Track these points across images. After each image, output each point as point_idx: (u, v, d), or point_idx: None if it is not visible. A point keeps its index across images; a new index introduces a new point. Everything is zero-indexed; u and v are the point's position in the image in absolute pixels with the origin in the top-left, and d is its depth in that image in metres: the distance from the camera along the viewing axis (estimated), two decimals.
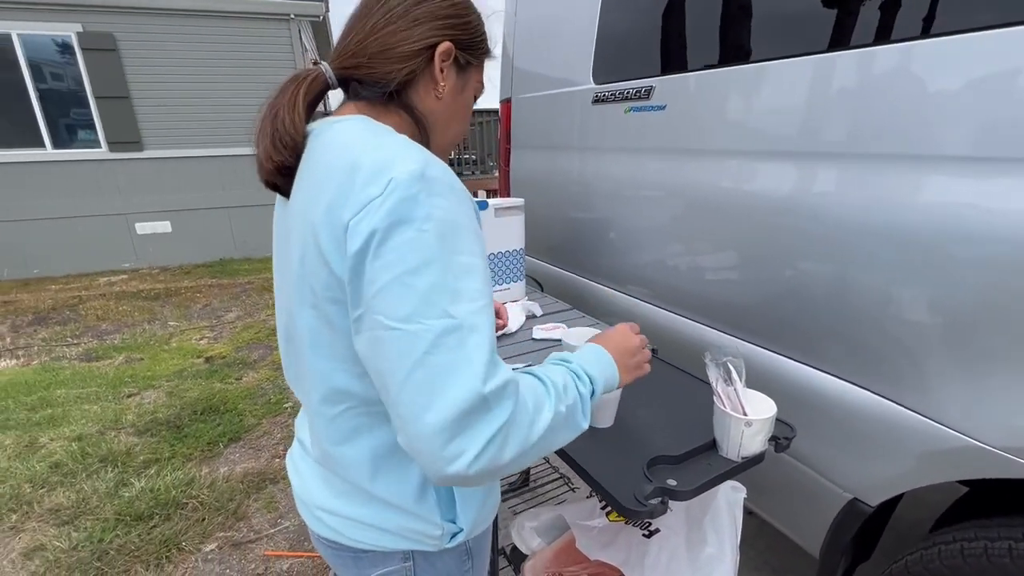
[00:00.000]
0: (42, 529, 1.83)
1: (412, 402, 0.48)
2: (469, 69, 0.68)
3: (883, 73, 0.91)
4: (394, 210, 0.49)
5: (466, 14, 0.65)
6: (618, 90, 1.48)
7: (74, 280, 6.02)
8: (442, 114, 0.67)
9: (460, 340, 0.48)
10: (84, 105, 6.04)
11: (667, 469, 0.84)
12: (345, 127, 0.59)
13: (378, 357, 0.51)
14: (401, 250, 0.48)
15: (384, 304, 0.49)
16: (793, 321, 1.11)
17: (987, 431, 0.82)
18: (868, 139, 0.93)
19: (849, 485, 1.04)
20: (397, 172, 0.50)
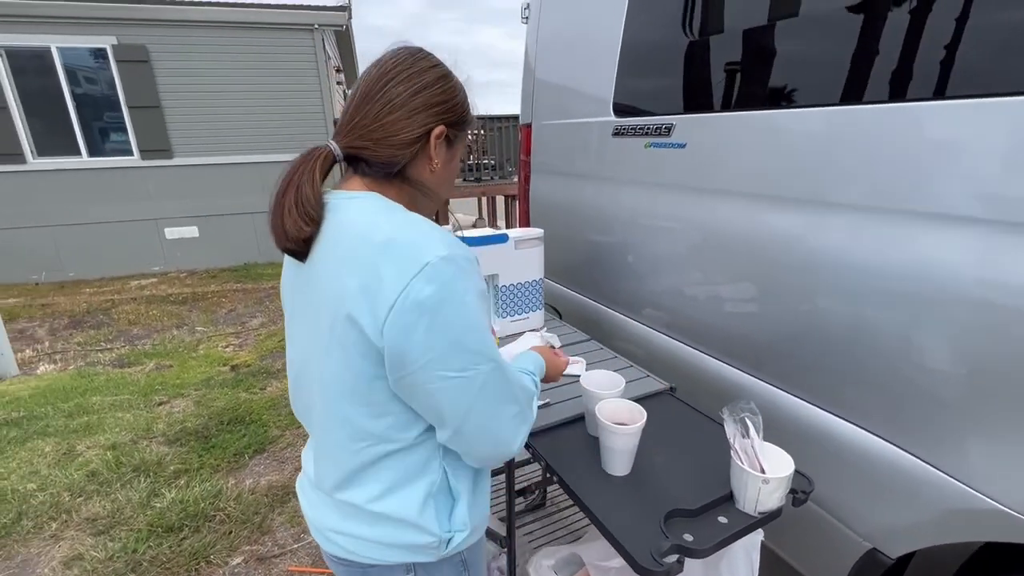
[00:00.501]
0: (80, 538, 1.92)
1: (476, 424, 0.68)
2: (456, 141, 0.77)
3: (906, 128, 0.91)
4: (438, 292, 0.61)
5: (454, 97, 0.73)
6: (638, 125, 1.49)
7: (107, 283, 6.24)
8: (435, 182, 0.77)
9: (501, 373, 0.68)
10: (118, 114, 6.26)
11: (684, 523, 0.85)
12: (363, 206, 0.69)
13: (439, 399, 0.66)
14: (449, 323, 0.62)
15: (441, 362, 0.63)
16: (814, 366, 1.11)
17: (1011, 495, 0.81)
18: (891, 193, 0.93)
19: (869, 534, 1.04)
20: (431, 256, 0.61)
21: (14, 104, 5.88)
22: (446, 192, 0.81)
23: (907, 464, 0.95)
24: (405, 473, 0.72)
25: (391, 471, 0.72)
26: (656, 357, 1.53)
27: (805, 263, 1.09)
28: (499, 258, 1.51)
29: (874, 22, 0.96)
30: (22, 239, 6.10)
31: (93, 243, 6.40)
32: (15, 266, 6.08)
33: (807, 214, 1.08)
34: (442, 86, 0.72)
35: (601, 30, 1.61)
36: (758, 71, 1.18)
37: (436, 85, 0.71)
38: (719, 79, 1.28)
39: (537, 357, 0.94)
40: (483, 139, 8.35)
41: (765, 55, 1.16)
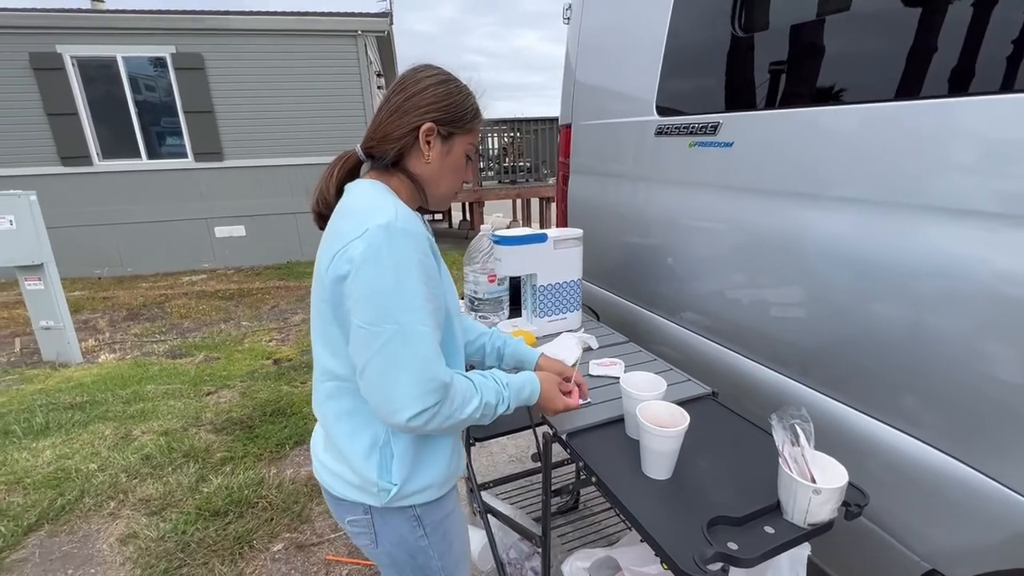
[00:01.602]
0: (135, 517, 2.04)
1: (373, 376, 0.76)
2: (454, 137, 0.87)
3: (971, 123, 0.85)
4: (366, 250, 0.73)
5: (447, 98, 0.84)
6: (682, 124, 1.46)
7: (161, 279, 6.60)
8: (432, 174, 0.88)
9: (405, 339, 0.74)
10: (174, 119, 6.62)
11: (728, 531, 0.82)
12: (358, 187, 0.85)
13: (354, 343, 0.77)
14: (369, 277, 0.73)
15: (357, 311, 0.75)
16: (868, 373, 1.06)
17: None
18: (955, 191, 0.88)
19: (929, 555, 0.98)
20: (371, 223, 0.74)
21: (83, 110, 6.31)
22: (449, 183, 0.91)
23: (974, 481, 0.89)
24: (356, 416, 0.85)
25: (343, 408, 0.85)
26: (696, 361, 1.49)
27: (859, 264, 1.04)
28: (537, 258, 1.50)
29: (932, 14, 0.91)
30: (87, 236, 6.54)
31: (150, 240, 6.79)
32: (81, 261, 6.51)
33: (862, 214, 1.03)
34: (433, 90, 0.83)
35: (645, 28, 1.59)
36: (809, 67, 1.14)
37: (427, 90, 0.83)
38: (768, 76, 1.24)
39: (532, 378, 0.94)
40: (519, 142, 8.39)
41: (817, 50, 1.12)
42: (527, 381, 0.93)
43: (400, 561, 0.94)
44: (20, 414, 2.85)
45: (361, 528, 0.91)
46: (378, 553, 0.94)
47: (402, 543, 0.91)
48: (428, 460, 0.88)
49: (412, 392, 0.75)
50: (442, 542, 0.94)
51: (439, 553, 0.94)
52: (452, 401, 0.79)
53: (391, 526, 0.90)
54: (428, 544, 0.92)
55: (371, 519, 0.90)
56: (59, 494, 2.16)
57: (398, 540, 0.91)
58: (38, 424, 2.74)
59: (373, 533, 0.91)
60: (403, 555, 0.93)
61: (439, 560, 0.95)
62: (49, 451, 2.48)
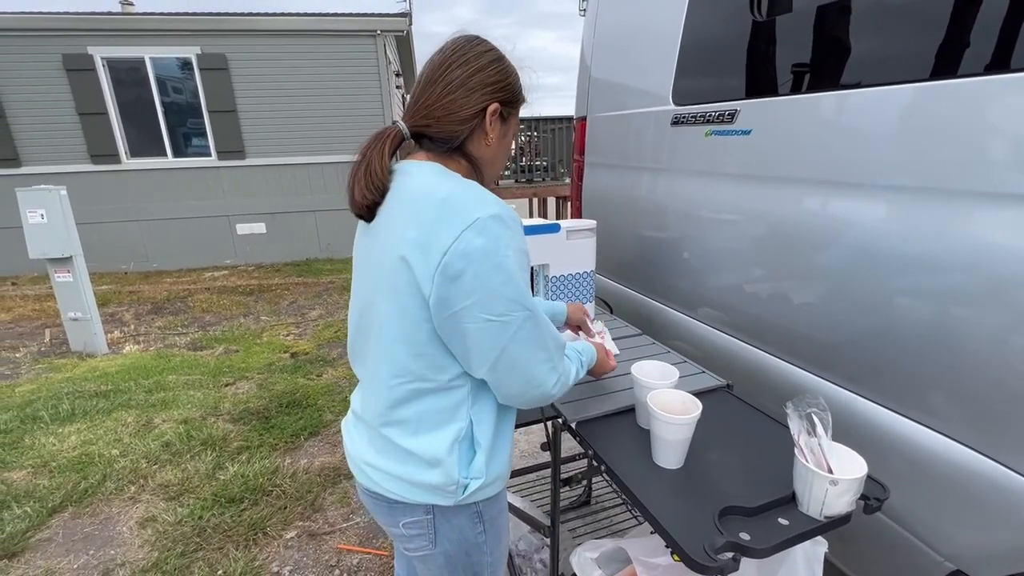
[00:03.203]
0: (154, 502, 2.08)
1: (510, 362, 0.76)
2: (510, 118, 0.85)
3: (1000, 103, 0.82)
4: (487, 244, 0.70)
5: (507, 76, 0.81)
6: (699, 112, 1.43)
7: (185, 274, 6.76)
8: (491, 157, 0.85)
9: (535, 322, 0.76)
10: (199, 118, 6.78)
11: (740, 521, 0.80)
12: (426, 171, 0.79)
13: (476, 339, 0.74)
14: (493, 270, 0.71)
15: (483, 306, 0.72)
16: (893, 366, 1.02)
17: None
18: (987, 175, 0.84)
19: (953, 555, 0.94)
20: (480, 213, 0.71)
21: (113, 109, 6.51)
22: (496, 169, 0.89)
23: (1003, 478, 0.85)
24: (435, 415, 0.81)
25: (423, 410, 0.81)
26: (712, 356, 1.46)
27: (884, 253, 1.01)
28: (550, 248, 1.49)
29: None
30: (115, 232, 6.73)
31: (174, 237, 6.96)
32: (109, 256, 6.70)
33: (887, 201, 1.00)
34: (496, 67, 0.80)
35: (662, 15, 1.57)
36: (830, 50, 1.11)
37: (490, 67, 0.79)
38: (788, 61, 1.21)
39: (590, 348, 1.03)
40: (536, 141, 8.37)
41: (837, 33, 1.08)
42: (586, 348, 1.01)
43: (455, 559, 0.90)
44: (48, 401, 2.94)
45: (419, 530, 0.86)
46: (434, 553, 0.89)
47: (462, 541, 0.88)
48: (501, 450, 0.86)
49: (548, 364, 0.80)
50: (496, 537, 0.92)
51: (491, 548, 0.92)
52: (567, 361, 0.87)
53: (453, 524, 0.86)
54: (485, 540, 0.90)
55: (432, 519, 0.85)
56: (83, 478, 2.23)
57: (458, 538, 0.87)
58: (64, 411, 2.82)
59: (433, 533, 0.86)
60: (460, 553, 0.89)
61: (490, 555, 0.92)
62: (74, 436, 2.56)
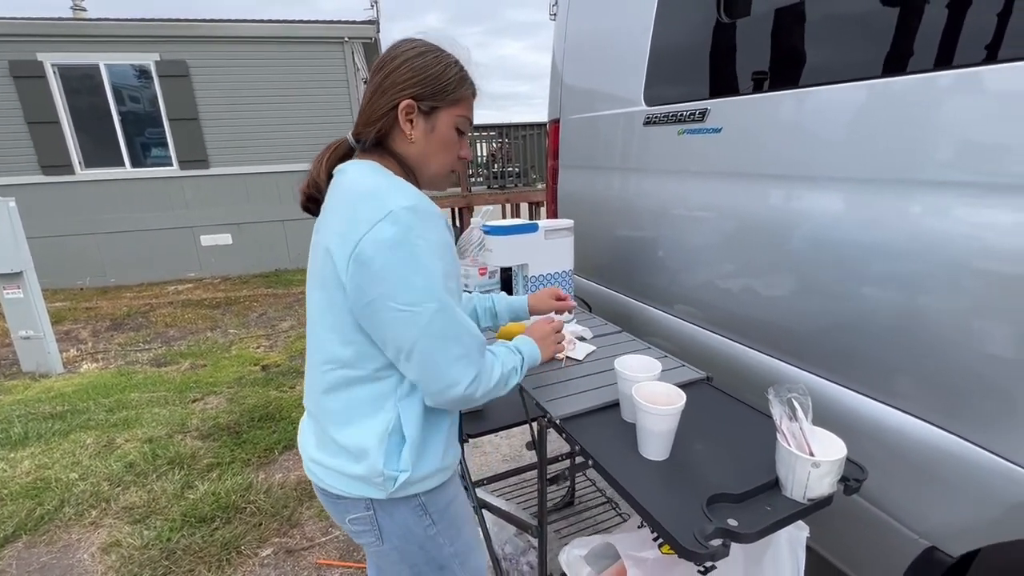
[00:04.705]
0: (118, 526, 1.97)
1: (422, 356, 0.75)
2: (436, 112, 0.83)
3: (957, 97, 0.86)
4: (397, 233, 0.72)
5: (422, 72, 0.80)
6: (671, 112, 1.47)
7: (146, 288, 6.48)
8: (419, 154, 0.85)
9: (446, 315, 0.76)
10: (159, 127, 6.55)
11: (727, 508, 0.81)
12: (353, 168, 0.83)
13: (395, 329, 0.75)
14: (403, 259, 0.73)
15: (394, 294, 0.73)
16: (862, 353, 1.06)
17: None
18: (944, 165, 0.89)
19: (926, 532, 0.97)
20: (395, 205, 0.73)
21: (65, 118, 6.22)
22: (440, 162, 0.88)
23: (971, 455, 0.89)
24: (363, 405, 0.82)
25: (351, 399, 0.82)
26: (691, 350, 1.49)
27: (849, 245, 1.04)
28: (528, 248, 1.49)
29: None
30: (69, 246, 6.41)
31: (134, 250, 6.68)
32: (62, 271, 6.38)
33: (853, 193, 1.04)
34: (410, 65, 0.80)
35: (632, 17, 1.60)
36: (796, 48, 1.15)
37: (403, 66, 0.80)
38: (756, 59, 1.25)
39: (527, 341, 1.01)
40: (507, 147, 8.42)
41: (804, 31, 1.13)
42: (522, 343, 0.98)
43: (410, 555, 0.89)
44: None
45: (364, 526, 0.87)
46: (385, 550, 0.89)
47: (409, 535, 0.87)
48: (432, 444, 0.85)
49: (463, 361, 0.78)
50: (450, 528, 0.91)
51: (449, 540, 0.91)
52: (489, 362, 0.84)
53: (396, 519, 0.86)
54: (437, 532, 0.89)
55: (374, 515, 0.85)
56: (37, 504, 2.09)
57: (405, 533, 0.87)
58: (16, 435, 2.65)
59: (377, 529, 0.86)
60: (412, 548, 0.88)
61: (450, 546, 0.91)
62: (27, 461, 2.40)
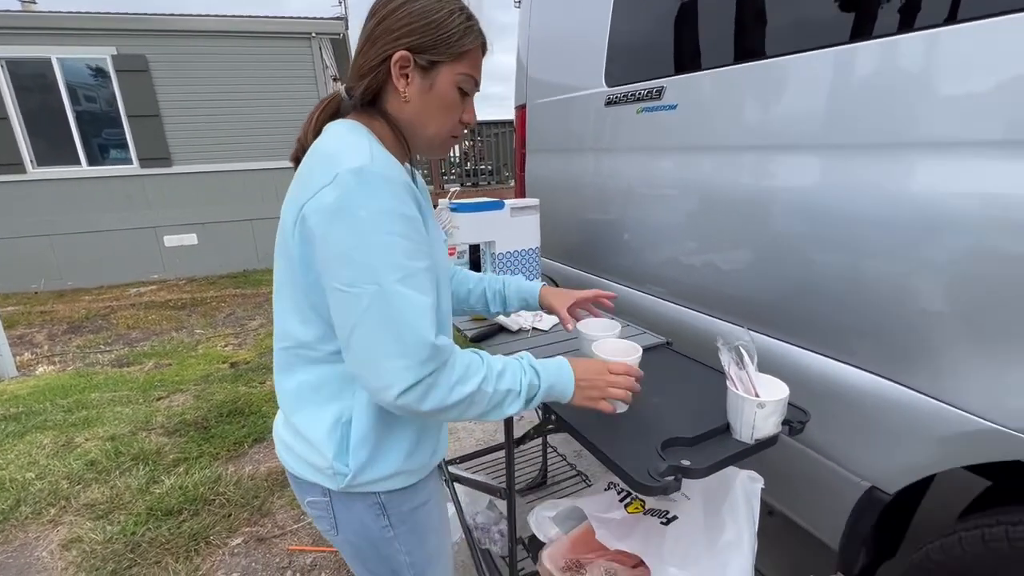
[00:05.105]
0: (78, 523, 1.91)
1: (358, 346, 0.65)
2: (436, 68, 0.72)
3: (891, 64, 0.93)
4: (338, 199, 0.62)
5: (423, 19, 0.69)
6: (630, 92, 1.52)
7: (106, 291, 6.24)
8: (414, 114, 0.74)
9: (387, 301, 0.63)
10: (117, 124, 6.32)
11: (681, 451, 0.86)
12: (334, 127, 0.73)
13: (335, 310, 0.66)
14: (343, 231, 0.62)
15: (333, 270, 0.64)
16: (808, 312, 1.12)
17: (1003, 413, 0.82)
18: (877, 130, 0.95)
19: (867, 473, 1.04)
20: (342, 167, 0.63)
21: (14, 114, 5.94)
22: (437, 127, 0.76)
23: (902, 397, 0.96)
24: (318, 390, 0.75)
25: (305, 381, 0.75)
26: (654, 322, 1.54)
27: (800, 210, 1.11)
28: (495, 225, 1.52)
29: None
30: (21, 248, 6.12)
31: (92, 251, 6.42)
32: (14, 275, 6.08)
33: (799, 158, 1.10)
34: (405, 10, 0.69)
35: (592, 1, 1.65)
36: (742, 26, 1.21)
37: (400, 9, 0.69)
38: (706, 37, 1.31)
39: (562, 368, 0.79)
40: (480, 145, 8.44)
41: (746, 10, 1.19)
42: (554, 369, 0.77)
43: (363, 551, 0.83)
44: None
45: (320, 511, 0.81)
46: (339, 540, 0.84)
47: (365, 533, 0.81)
48: (393, 443, 0.77)
49: (401, 362, 0.63)
50: (411, 535, 0.83)
51: (407, 548, 0.83)
52: (451, 372, 0.67)
53: (352, 512, 0.79)
54: (394, 536, 0.81)
55: (330, 502, 0.79)
56: None
57: (359, 528, 0.80)
58: None
59: (333, 518, 0.80)
60: (365, 545, 0.82)
61: (408, 556, 0.83)
62: None
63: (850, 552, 1.10)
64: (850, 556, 1.11)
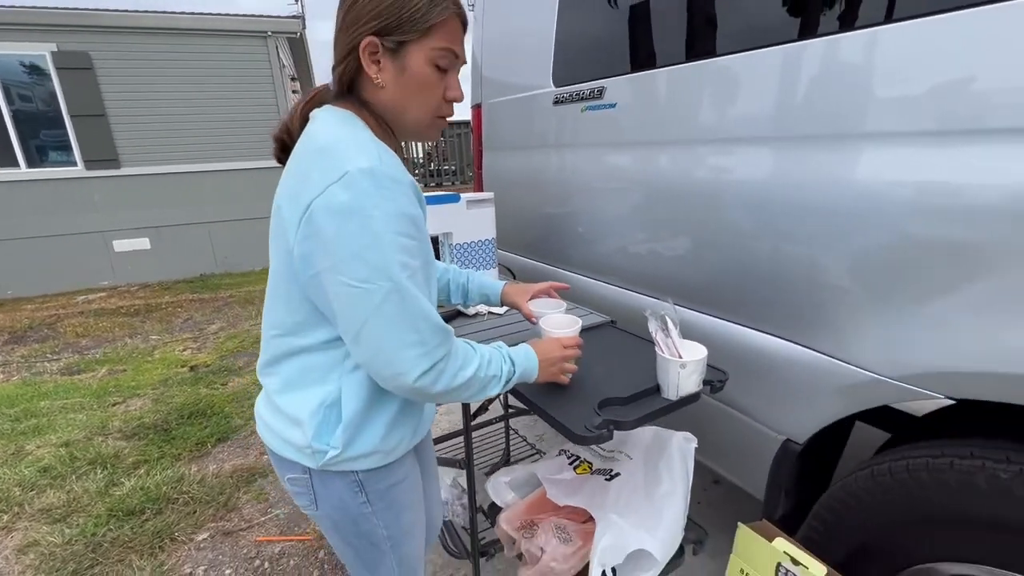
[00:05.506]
0: (34, 527, 1.87)
1: (372, 338, 0.69)
2: (405, 48, 0.71)
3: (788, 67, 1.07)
4: (351, 200, 0.64)
5: (382, 3, 0.69)
6: (575, 92, 1.63)
7: (50, 299, 5.94)
8: (392, 100, 0.74)
9: (401, 297, 0.68)
10: (59, 124, 6.02)
11: (616, 409, 0.97)
12: (321, 116, 0.75)
13: (344, 306, 0.69)
14: (356, 231, 0.65)
15: (345, 268, 0.66)
16: (731, 290, 1.26)
17: (882, 365, 0.97)
18: (782, 127, 1.09)
19: (781, 427, 1.18)
20: (352, 166, 0.65)
21: None
22: (416, 112, 0.76)
23: (806, 358, 1.10)
24: (305, 374, 0.79)
25: (295, 367, 0.79)
26: (599, 304, 1.66)
27: (715, 198, 1.24)
28: (452, 217, 1.61)
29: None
30: None
31: (34, 258, 6.10)
32: None
33: (715, 151, 1.24)
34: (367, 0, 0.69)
35: (541, 3, 1.76)
36: (670, 31, 1.34)
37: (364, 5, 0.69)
38: (639, 41, 1.43)
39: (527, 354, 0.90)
40: (443, 146, 8.48)
41: (676, 15, 1.32)
42: (521, 355, 0.87)
43: (342, 526, 0.88)
44: None
45: (301, 488, 0.85)
46: (319, 516, 0.88)
47: (343, 508, 0.85)
48: (372, 424, 0.81)
49: (418, 350, 0.69)
50: (388, 511, 0.88)
51: (385, 523, 0.88)
52: (456, 359, 0.75)
53: (331, 490, 0.83)
54: (372, 512, 0.86)
55: (310, 479, 0.83)
56: None
57: (338, 504, 0.85)
58: None
59: (312, 494, 0.84)
60: (345, 520, 0.87)
61: (385, 529, 0.89)
62: None
63: (772, 499, 1.25)
64: (772, 503, 1.25)
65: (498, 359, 0.83)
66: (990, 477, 0.85)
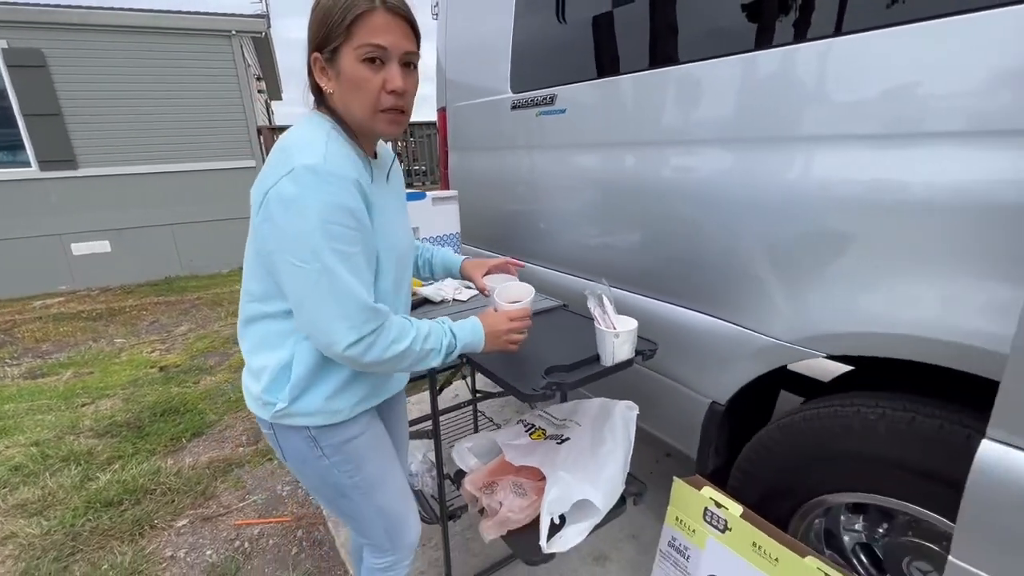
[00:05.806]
0: (10, 521, 1.90)
1: (309, 310, 0.82)
2: (337, 54, 0.80)
3: (712, 80, 1.25)
4: (295, 192, 0.77)
5: (313, 21, 0.81)
6: (530, 98, 1.79)
7: (4, 305, 5.75)
8: (339, 103, 0.85)
9: (332, 277, 0.79)
10: (11, 123, 5.83)
11: (560, 374, 1.12)
12: (296, 121, 0.90)
13: (288, 281, 0.82)
14: (296, 218, 0.77)
15: (289, 249, 0.79)
16: (666, 274, 1.44)
17: (784, 332, 1.15)
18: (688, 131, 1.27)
19: (708, 392, 1.37)
20: (299, 162, 0.77)
21: None
22: (358, 107, 0.83)
23: (724, 329, 1.29)
24: (268, 338, 0.92)
25: (261, 330, 0.93)
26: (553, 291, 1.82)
27: (653, 194, 1.42)
28: (419, 214, 1.74)
29: None
30: None
31: None
32: None
33: (655, 155, 1.41)
34: (312, 17, 0.81)
35: (498, 16, 1.90)
36: (610, 45, 1.51)
37: (310, 20, 0.82)
38: (583, 53, 1.60)
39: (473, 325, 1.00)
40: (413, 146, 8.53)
41: (612, 32, 1.49)
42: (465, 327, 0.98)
43: (306, 475, 1.01)
44: None
45: (272, 442, 1.00)
46: (289, 466, 1.02)
47: (302, 458, 0.98)
48: (318, 387, 0.92)
49: (346, 323, 0.80)
50: (347, 463, 0.99)
51: (348, 472, 0.99)
52: (388, 333, 0.85)
53: (290, 442, 0.96)
54: (330, 464, 0.97)
55: (274, 435, 0.97)
56: None
57: (298, 455, 0.98)
58: None
59: (279, 446, 0.98)
60: (308, 469, 0.99)
61: (349, 478, 1.00)
62: None
63: (703, 456, 1.43)
64: (704, 459, 1.43)
65: (438, 333, 0.94)
66: (862, 419, 1.04)
